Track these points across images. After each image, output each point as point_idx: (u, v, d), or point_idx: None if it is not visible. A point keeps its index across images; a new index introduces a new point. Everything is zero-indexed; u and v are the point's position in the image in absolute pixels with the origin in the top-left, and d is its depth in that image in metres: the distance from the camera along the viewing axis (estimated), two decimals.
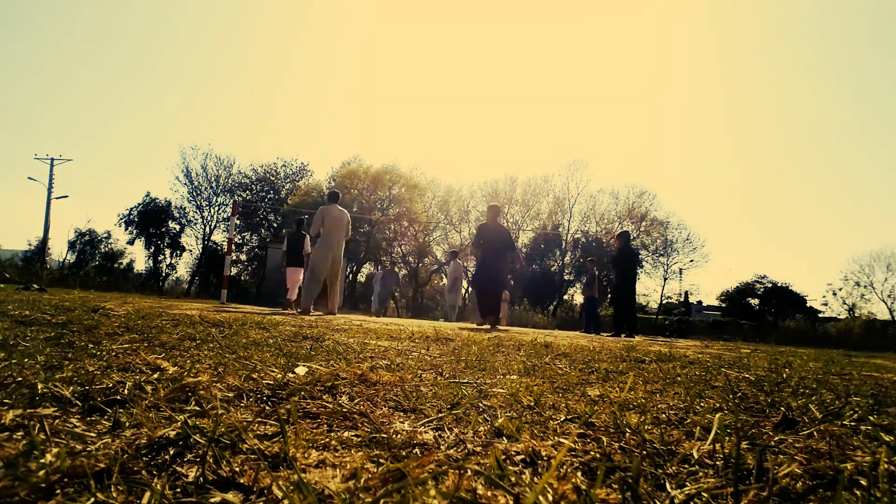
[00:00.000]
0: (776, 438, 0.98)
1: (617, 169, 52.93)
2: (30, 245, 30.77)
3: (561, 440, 0.90)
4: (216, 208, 32.11)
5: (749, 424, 1.12)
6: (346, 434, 0.86)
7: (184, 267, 34.35)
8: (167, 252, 32.13)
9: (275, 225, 31.58)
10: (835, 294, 32.03)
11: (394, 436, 0.87)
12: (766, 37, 51.84)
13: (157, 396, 0.99)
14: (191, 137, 59.32)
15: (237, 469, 0.65)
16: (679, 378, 1.94)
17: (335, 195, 7.60)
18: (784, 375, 2.26)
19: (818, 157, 50.95)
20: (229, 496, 0.58)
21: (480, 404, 1.18)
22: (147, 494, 0.56)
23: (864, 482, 0.70)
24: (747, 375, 2.15)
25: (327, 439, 0.82)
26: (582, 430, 0.97)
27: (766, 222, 51.77)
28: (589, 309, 11.32)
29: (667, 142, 52.78)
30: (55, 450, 0.67)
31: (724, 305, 34.02)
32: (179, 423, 0.79)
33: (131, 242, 31.43)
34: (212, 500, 0.57)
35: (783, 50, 52.05)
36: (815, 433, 1.03)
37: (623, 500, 0.62)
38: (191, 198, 31.85)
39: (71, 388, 0.99)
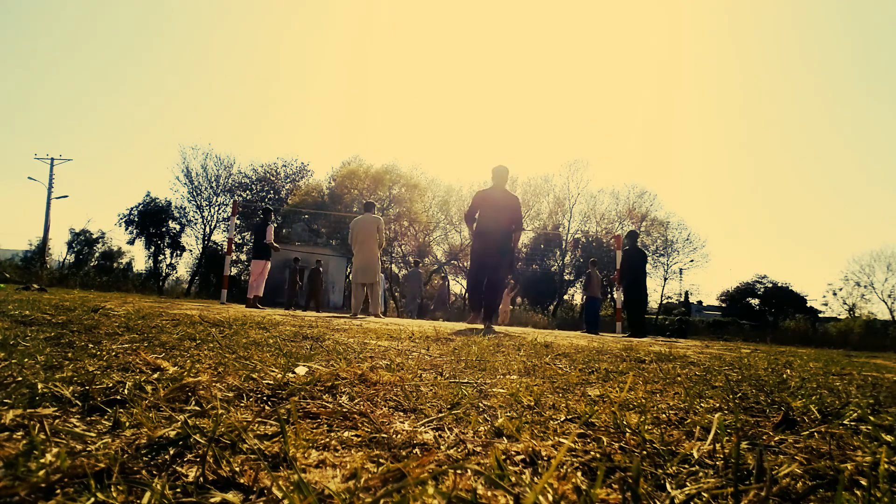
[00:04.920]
0: (776, 438, 0.98)
1: (617, 169, 52.98)
2: (30, 245, 30.83)
3: (561, 440, 0.90)
4: (216, 208, 32.13)
5: (749, 424, 1.12)
6: (346, 434, 0.86)
7: (184, 267, 34.41)
8: (167, 252, 32.15)
9: (275, 225, 31.54)
10: (835, 294, 32.09)
11: (394, 436, 0.87)
12: (767, 37, 51.82)
13: (157, 396, 0.99)
14: (191, 137, 59.41)
15: (237, 469, 0.65)
16: (679, 378, 1.94)
17: (370, 205, 8.21)
18: (784, 376, 2.26)
19: (818, 157, 50.96)
20: (229, 496, 0.58)
21: (480, 404, 1.18)
22: (147, 494, 0.56)
23: (864, 482, 0.70)
24: (748, 374, 2.15)
25: (327, 439, 0.82)
26: (582, 430, 0.97)
27: (766, 222, 51.81)
28: (591, 309, 11.43)
29: (667, 142, 52.77)
30: (55, 450, 0.67)
31: (724, 305, 34.04)
32: (179, 423, 0.79)
33: (131, 242, 31.47)
34: (212, 500, 0.57)
35: (783, 50, 52.02)
36: (816, 433, 1.03)
37: (623, 500, 0.62)
38: (191, 198, 31.87)
39: (71, 388, 0.99)
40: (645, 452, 0.83)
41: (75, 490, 0.57)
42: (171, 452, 0.70)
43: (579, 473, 0.72)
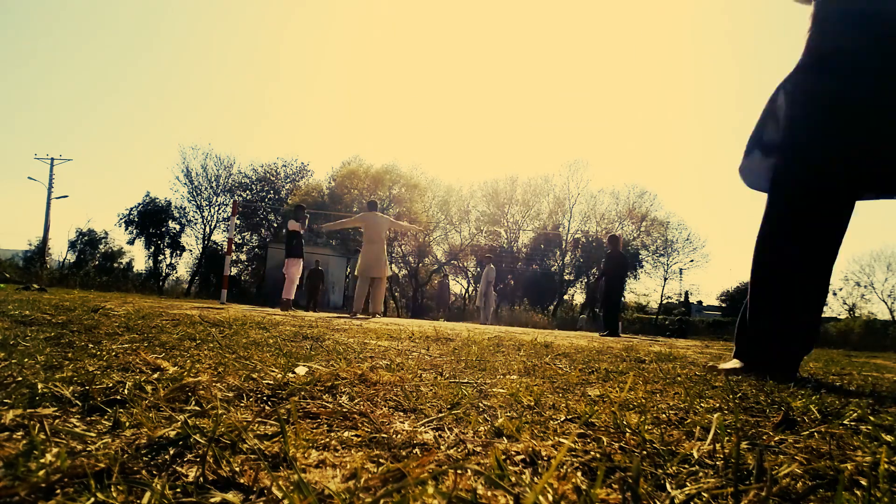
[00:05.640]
0: (776, 438, 0.98)
1: (617, 169, 53.02)
2: (30, 245, 30.86)
3: (561, 440, 0.90)
4: (216, 208, 32.16)
5: (749, 424, 1.12)
6: (346, 434, 0.86)
7: (184, 267, 34.46)
8: (167, 252, 32.19)
9: (275, 225, 31.59)
10: (835, 294, 32.07)
11: (394, 436, 0.87)
12: (766, 35, 51.88)
13: (157, 396, 0.99)
14: (191, 137, 59.48)
15: (237, 469, 0.65)
16: (679, 378, 1.94)
17: (373, 203, 8.56)
18: None
19: None
20: (229, 496, 0.58)
21: (480, 404, 1.18)
22: (147, 494, 0.56)
23: (864, 482, 0.70)
24: (748, 374, 2.15)
25: (327, 439, 0.82)
26: (582, 430, 0.97)
27: None
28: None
29: (667, 142, 52.80)
30: (55, 450, 0.67)
31: (724, 305, 34.05)
32: (179, 423, 0.79)
33: (131, 242, 31.51)
34: (212, 500, 0.57)
35: (783, 49, 52.08)
36: (816, 433, 1.03)
37: (623, 500, 0.62)
38: (191, 198, 31.90)
39: (71, 388, 0.99)
40: (645, 452, 0.83)
41: (75, 490, 0.57)
42: (171, 452, 0.70)
43: (579, 473, 0.72)
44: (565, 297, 32.32)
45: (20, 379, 1.03)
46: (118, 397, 0.97)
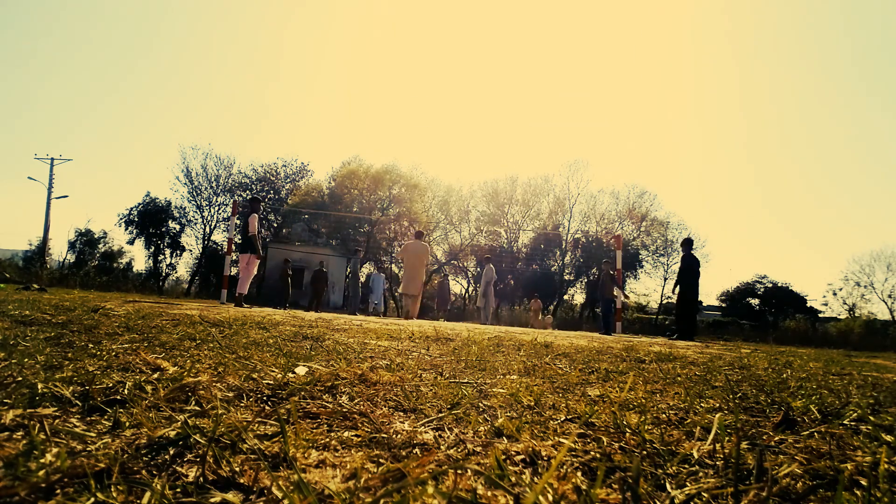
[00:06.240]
0: (776, 438, 0.98)
1: (617, 169, 53.04)
2: (30, 245, 30.82)
3: (561, 440, 0.90)
4: (216, 208, 32.16)
5: (749, 424, 1.12)
6: (346, 434, 0.86)
7: (184, 267, 34.43)
8: (167, 252, 32.18)
9: (275, 225, 31.57)
10: (835, 294, 32.07)
11: (394, 436, 0.87)
12: (767, 37, 51.90)
13: (157, 396, 0.99)
14: (191, 137, 59.49)
15: (237, 469, 0.65)
16: (679, 378, 1.94)
17: (419, 234, 10.27)
18: (784, 376, 2.26)
19: (818, 157, 51.00)
20: (229, 496, 0.58)
21: (480, 404, 1.18)
22: (147, 494, 0.56)
23: (864, 482, 0.70)
24: (748, 374, 2.15)
25: (327, 439, 0.82)
26: (582, 430, 0.97)
27: (766, 222, 51.84)
28: (606, 310, 11.49)
29: (667, 142, 52.83)
30: (55, 450, 0.67)
31: (724, 305, 34.05)
32: (179, 423, 0.79)
33: (131, 242, 31.50)
34: (212, 500, 0.57)
35: (783, 50, 52.10)
36: (816, 433, 1.03)
37: (623, 500, 0.62)
38: (191, 198, 31.89)
39: (71, 388, 0.99)
40: (645, 452, 0.83)
41: (75, 490, 0.57)
42: (171, 452, 0.70)
43: (579, 473, 0.72)
44: (565, 297, 32.34)
45: (20, 379, 1.03)
46: (118, 397, 0.97)
